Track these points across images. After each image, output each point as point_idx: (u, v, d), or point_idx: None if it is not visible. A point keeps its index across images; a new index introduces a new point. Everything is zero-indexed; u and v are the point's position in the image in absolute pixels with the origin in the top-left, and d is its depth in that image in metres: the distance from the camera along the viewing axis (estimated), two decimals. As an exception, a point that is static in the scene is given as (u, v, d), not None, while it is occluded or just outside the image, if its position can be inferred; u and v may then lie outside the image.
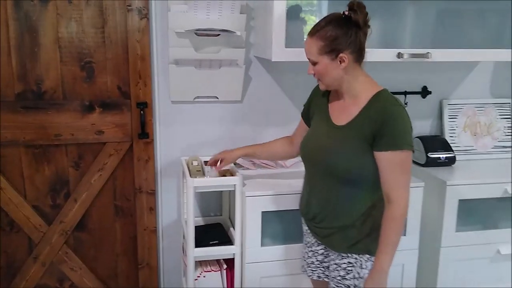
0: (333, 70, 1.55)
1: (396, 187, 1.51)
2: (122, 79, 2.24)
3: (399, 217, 1.52)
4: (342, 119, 1.60)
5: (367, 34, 1.54)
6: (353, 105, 1.58)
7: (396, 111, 1.50)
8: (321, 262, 1.79)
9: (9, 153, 2.21)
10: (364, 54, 1.56)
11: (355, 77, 1.57)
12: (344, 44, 1.50)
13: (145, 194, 2.37)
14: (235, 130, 2.40)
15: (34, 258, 2.34)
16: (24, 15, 2.08)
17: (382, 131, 1.49)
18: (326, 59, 1.53)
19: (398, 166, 1.50)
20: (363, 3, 1.51)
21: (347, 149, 1.56)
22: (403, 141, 1.48)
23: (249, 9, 2.23)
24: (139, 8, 2.15)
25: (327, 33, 1.50)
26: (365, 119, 1.53)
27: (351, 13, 1.50)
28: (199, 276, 2.13)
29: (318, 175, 1.68)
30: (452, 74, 2.58)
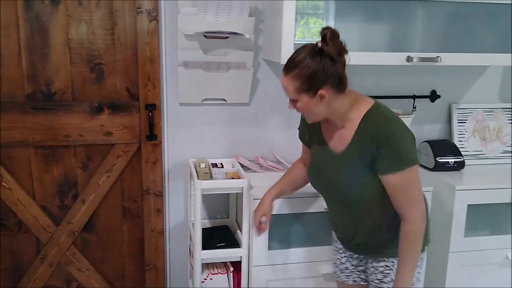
0: (314, 107, 1.48)
1: (407, 205, 1.47)
2: (131, 81, 2.25)
3: (414, 234, 1.48)
4: (338, 146, 1.56)
5: (345, 63, 1.46)
6: (345, 130, 1.53)
7: (389, 130, 1.44)
8: (356, 267, 1.78)
9: (18, 154, 2.23)
10: (345, 82, 1.47)
11: (340, 105, 1.50)
12: (322, 80, 1.42)
13: (153, 195, 2.37)
14: (242, 133, 2.40)
15: (42, 258, 2.35)
16: (35, 16, 2.10)
17: (380, 155, 1.44)
18: (305, 97, 1.46)
19: (404, 186, 1.46)
20: (336, 32, 1.43)
21: (352, 177, 1.52)
22: (404, 160, 1.43)
23: (258, 12, 2.23)
24: (149, 10, 2.16)
25: (302, 71, 1.42)
26: (360, 144, 1.48)
27: (324, 45, 1.41)
28: (205, 278, 2.13)
29: (333, 200, 1.68)
30: (461, 78, 2.56)
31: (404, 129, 1.47)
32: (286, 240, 2.12)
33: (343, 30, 2.10)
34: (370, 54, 2.07)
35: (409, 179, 1.45)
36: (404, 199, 1.47)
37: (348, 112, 1.51)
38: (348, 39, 2.11)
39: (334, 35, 1.42)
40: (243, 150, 2.41)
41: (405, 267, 1.51)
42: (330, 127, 1.59)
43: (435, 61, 2.10)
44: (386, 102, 2.02)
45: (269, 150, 2.43)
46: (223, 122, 2.37)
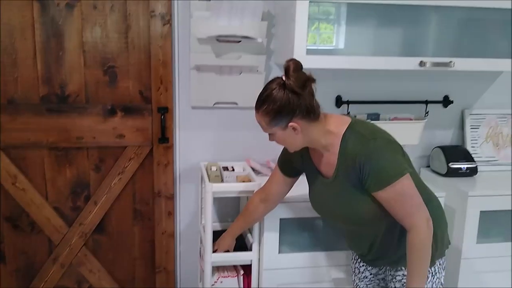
0: (290, 138, 1.50)
1: (407, 216, 1.46)
2: (144, 84, 2.27)
3: (420, 242, 1.46)
4: (328, 171, 1.56)
5: (313, 92, 1.45)
6: (330, 155, 1.53)
7: (367, 149, 1.43)
8: (375, 275, 1.78)
9: (32, 155, 2.25)
10: (316, 110, 1.47)
11: (317, 133, 1.50)
12: (290, 114, 1.43)
13: (164, 198, 2.38)
14: (253, 136, 2.40)
15: (54, 259, 2.37)
16: (51, 19, 2.13)
17: (364, 174, 1.43)
18: (278, 130, 1.48)
19: (398, 197, 1.44)
20: (299, 64, 1.44)
21: (348, 199, 1.52)
22: (389, 174, 1.42)
23: (270, 16, 2.24)
24: (162, 14, 2.18)
25: (270, 107, 1.43)
26: (345, 167, 1.48)
27: (286, 79, 1.42)
28: (216, 281, 2.13)
29: (339, 223, 1.70)
30: (474, 83, 2.55)
31: (383, 142, 1.45)
32: (297, 244, 2.12)
33: (355, 35, 2.13)
34: (383, 59, 2.07)
35: (401, 191, 1.43)
36: (402, 211, 1.45)
37: (326, 139, 1.51)
38: (360, 43, 2.14)
39: (297, 67, 1.42)
40: (254, 153, 2.41)
41: (415, 277, 1.48)
42: (318, 154, 1.59)
43: (448, 66, 2.10)
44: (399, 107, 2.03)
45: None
46: (234, 125, 2.38)
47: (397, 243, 1.59)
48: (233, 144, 2.40)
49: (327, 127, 1.51)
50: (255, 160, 2.38)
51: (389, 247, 1.61)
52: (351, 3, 2.03)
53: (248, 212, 1.93)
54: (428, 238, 1.46)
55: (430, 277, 1.60)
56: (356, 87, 2.41)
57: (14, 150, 2.23)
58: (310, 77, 1.43)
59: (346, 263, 2.15)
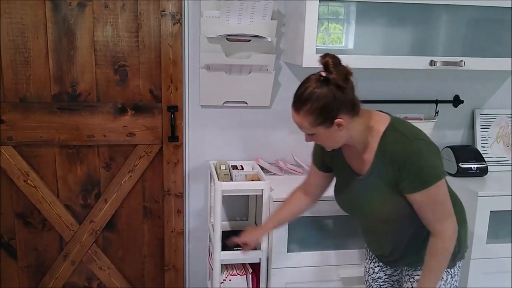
0: (333, 136, 1.44)
1: (436, 222, 1.43)
2: (154, 83, 2.29)
3: (443, 250, 1.45)
4: (361, 168, 1.52)
5: (353, 86, 1.41)
6: (365, 152, 1.49)
7: (408, 150, 1.39)
8: (390, 276, 1.76)
9: (44, 153, 2.28)
10: (358, 104, 1.43)
11: (358, 128, 1.46)
12: (336, 110, 1.38)
13: (173, 196, 2.39)
14: (263, 136, 2.41)
15: (64, 256, 2.40)
16: (62, 18, 2.15)
17: (402, 175, 1.40)
18: (321, 129, 1.42)
19: (431, 203, 1.41)
20: (337, 59, 1.39)
21: (378, 198, 1.49)
22: (427, 177, 1.39)
23: (280, 15, 2.24)
24: (173, 13, 2.19)
25: (314, 105, 1.37)
26: (381, 166, 1.45)
27: (328, 74, 1.36)
28: (224, 279, 2.14)
29: (364, 222, 1.67)
30: (484, 83, 2.53)
31: (424, 143, 1.42)
32: (306, 243, 2.12)
33: (364, 34, 2.12)
34: (392, 58, 2.07)
35: (435, 195, 1.41)
36: (433, 215, 1.43)
37: (365, 136, 1.47)
38: (370, 43, 2.14)
39: (336, 62, 1.38)
40: (263, 152, 2.42)
41: (429, 280, 1.47)
42: (351, 151, 1.55)
43: (458, 65, 2.09)
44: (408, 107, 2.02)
45: (290, 153, 2.43)
46: (244, 124, 2.39)
47: (421, 245, 1.54)
48: (242, 143, 2.41)
49: (368, 122, 1.47)
50: (264, 159, 2.39)
51: (412, 249, 1.58)
52: (360, 2, 2.03)
53: (290, 204, 1.80)
54: (451, 247, 1.45)
55: (450, 278, 1.58)
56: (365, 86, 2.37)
57: (26, 148, 2.25)
58: (349, 70, 1.39)
59: (355, 262, 2.15)
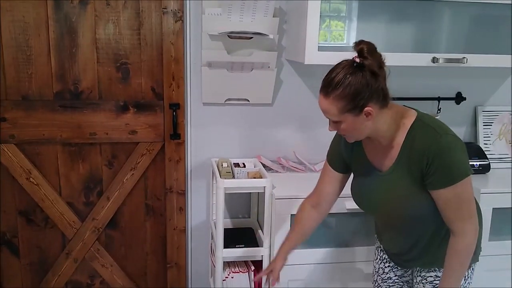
0: (359, 125, 1.38)
1: (458, 220, 1.39)
2: (156, 81, 2.29)
3: (465, 250, 1.40)
4: (384, 164, 1.47)
5: (385, 76, 1.37)
6: (390, 147, 1.44)
7: (439, 144, 1.35)
8: (400, 277, 1.71)
9: (46, 151, 2.28)
10: (389, 95, 1.38)
11: (385, 121, 1.41)
12: (367, 97, 1.33)
13: (176, 194, 2.40)
14: (265, 133, 2.41)
15: (67, 254, 2.40)
16: (64, 16, 2.15)
17: (430, 170, 1.35)
18: (350, 117, 1.36)
19: (456, 201, 1.37)
20: (373, 45, 1.36)
21: (401, 195, 1.45)
22: (456, 173, 1.34)
23: (282, 12, 2.24)
24: (174, 10, 2.19)
25: (345, 91, 1.32)
26: (408, 160, 1.40)
27: (363, 60, 1.32)
28: (227, 277, 2.15)
29: (383, 220, 1.63)
30: (487, 80, 2.53)
31: (454, 139, 1.37)
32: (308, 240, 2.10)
33: (366, 31, 2.12)
34: (395, 55, 2.06)
35: (461, 193, 1.37)
36: (456, 214, 1.39)
37: (392, 129, 1.43)
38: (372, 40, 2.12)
39: (371, 49, 1.34)
40: (265, 150, 2.42)
41: (453, 281, 1.44)
42: (374, 146, 1.50)
43: (461, 62, 2.08)
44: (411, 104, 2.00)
45: (291, 150, 2.43)
46: (245, 122, 2.39)
47: (438, 245, 1.51)
48: (244, 141, 2.41)
49: (395, 116, 1.42)
50: (266, 157, 2.39)
51: (430, 248, 1.54)
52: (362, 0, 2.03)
53: (300, 223, 1.71)
54: (473, 246, 1.41)
55: (463, 281, 1.53)
56: (367, 83, 2.40)
57: (28, 146, 2.26)
58: (383, 59, 1.36)
59: (357, 259, 2.15)
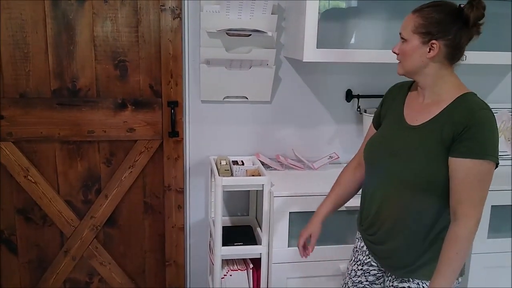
0: (418, 55, 1.39)
1: (466, 202, 1.31)
2: (154, 78, 2.28)
3: (465, 238, 1.32)
4: (418, 119, 1.44)
5: (471, 37, 1.39)
6: (434, 105, 1.41)
7: (484, 115, 1.33)
8: (371, 284, 1.64)
9: (44, 149, 2.28)
10: (459, 55, 1.40)
11: (442, 75, 1.41)
12: (442, 32, 1.35)
13: (174, 192, 2.39)
14: (263, 131, 2.41)
15: (65, 252, 2.40)
16: (62, 14, 2.14)
17: (464, 135, 1.31)
18: (417, 40, 1.38)
19: (475, 179, 1.31)
20: (484, 4, 1.36)
21: (420, 152, 1.39)
22: (488, 150, 1.30)
23: (281, 10, 2.23)
24: (172, 8, 2.18)
25: (431, 14, 1.36)
26: (447, 121, 1.36)
27: (467, 7, 1.35)
28: (225, 274, 2.15)
29: (383, 180, 1.49)
30: (486, 77, 2.52)
31: (497, 126, 1.35)
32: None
33: (365, 29, 2.11)
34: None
35: (483, 174, 1.31)
36: (467, 193, 1.32)
37: (444, 88, 1.42)
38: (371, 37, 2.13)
39: (481, 4, 1.36)
40: (264, 148, 2.42)
41: (446, 270, 1.34)
42: (417, 101, 1.49)
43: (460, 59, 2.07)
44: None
45: (290, 148, 2.43)
46: (244, 120, 2.38)
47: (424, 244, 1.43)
48: (243, 138, 2.40)
49: (453, 79, 1.43)
50: (264, 155, 2.39)
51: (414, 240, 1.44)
52: (361, -3, 2.02)
53: (341, 184, 1.69)
54: (473, 236, 1.34)
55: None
56: (366, 81, 2.41)
57: (26, 144, 2.25)
58: (480, 26, 1.38)
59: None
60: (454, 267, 1.34)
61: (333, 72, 2.38)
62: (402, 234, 1.46)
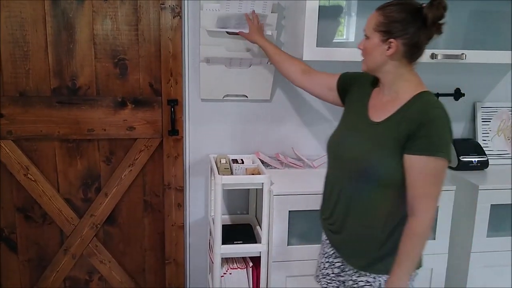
0: (378, 53, 1.44)
1: (422, 198, 1.38)
2: (154, 77, 2.28)
3: (421, 233, 1.39)
4: (378, 116, 1.49)
5: (431, 37, 1.42)
6: (392, 102, 1.46)
7: (437, 114, 1.37)
8: (337, 275, 1.67)
9: (44, 147, 2.28)
10: (418, 54, 1.44)
11: (400, 74, 1.46)
12: (401, 31, 1.39)
13: (174, 190, 2.39)
14: (263, 129, 2.41)
15: (65, 250, 2.40)
16: (61, 12, 2.14)
17: (418, 132, 1.36)
18: (377, 37, 1.43)
19: (428, 175, 1.37)
20: (446, 4, 1.39)
21: (376, 148, 1.44)
22: (440, 147, 1.35)
23: (281, 8, 2.23)
24: (172, 6, 2.18)
25: (392, 13, 1.40)
26: (402, 118, 1.41)
27: (426, 6, 1.39)
28: (225, 273, 2.15)
29: (343, 173, 1.54)
30: (486, 76, 2.52)
31: (450, 124, 1.40)
32: (305, 236, 2.12)
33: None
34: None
35: (436, 170, 1.37)
36: (422, 189, 1.38)
37: (402, 86, 1.46)
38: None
39: (443, 5, 1.39)
40: (264, 146, 2.42)
41: (403, 265, 1.41)
42: (379, 98, 1.53)
43: (460, 58, 2.08)
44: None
45: (290, 147, 2.43)
46: (244, 118, 2.38)
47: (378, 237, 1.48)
48: (243, 137, 2.40)
49: (413, 78, 1.47)
50: (264, 153, 2.39)
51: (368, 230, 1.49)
52: (361, -5, 2.02)
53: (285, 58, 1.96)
54: (429, 231, 1.40)
55: None
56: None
57: (26, 142, 2.25)
58: (441, 26, 1.41)
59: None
60: (411, 260, 1.41)
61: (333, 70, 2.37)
62: (356, 225, 1.52)
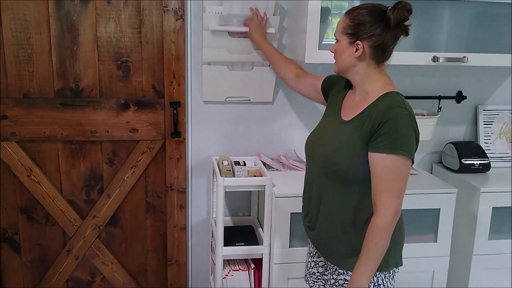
0: (347, 55, 1.49)
1: (384, 194, 1.39)
2: (157, 79, 2.29)
3: (383, 227, 1.39)
4: (348, 115, 1.53)
5: (397, 38, 1.46)
6: (361, 102, 1.50)
7: (399, 112, 1.40)
8: (321, 274, 1.71)
9: (47, 148, 2.29)
10: (385, 55, 1.48)
11: (369, 74, 1.49)
12: (366, 34, 1.44)
13: (176, 192, 2.40)
14: (265, 131, 2.41)
15: (68, 251, 2.41)
16: (65, 14, 2.15)
17: (379, 131, 1.39)
18: (345, 40, 1.48)
19: (391, 172, 1.39)
20: (410, 8, 1.42)
21: (344, 146, 1.48)
22: (400, 146, 1.37)
23: (283, 10, 2.24)
24: (175, 9, 2.19)
25: (358, 16, 1.45)
26: (367, 117, 1.44)
27: (389, 9, 1.43)
28: (227, 274, 2.15)
29: (316, 170, 1.60)
30: (487, 79, 2.53)
31: (412, 123, 1.41)
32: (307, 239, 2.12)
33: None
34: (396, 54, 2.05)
35: (398, 168, 1.39)
36: (386, 186, 1.39)
37: (371, 87, 1.49)
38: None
39: (405, 7, 1.42)
40: (266, 148, 2.42)
41: (366, 260, 1.41)
42: (351, 98, 1.58)
43: (461, 61, 2.08)
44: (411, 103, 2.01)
45: (292, 149, 2.44)
46: (246, 120, 2.39)
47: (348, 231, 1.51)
48: (245, 139, 2.41)
49: (383, 79, 1.50)
50: (266, 155, 2.40)
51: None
52: (364, -2, 2.03)
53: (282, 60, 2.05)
54: (391, 226, 1.40)
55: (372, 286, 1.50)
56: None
57: (29, 143, 2.26)
58: (407, 28, 1.45)
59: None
60: (373, 256, 1.41)
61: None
62: (327, 222, 1.57)
